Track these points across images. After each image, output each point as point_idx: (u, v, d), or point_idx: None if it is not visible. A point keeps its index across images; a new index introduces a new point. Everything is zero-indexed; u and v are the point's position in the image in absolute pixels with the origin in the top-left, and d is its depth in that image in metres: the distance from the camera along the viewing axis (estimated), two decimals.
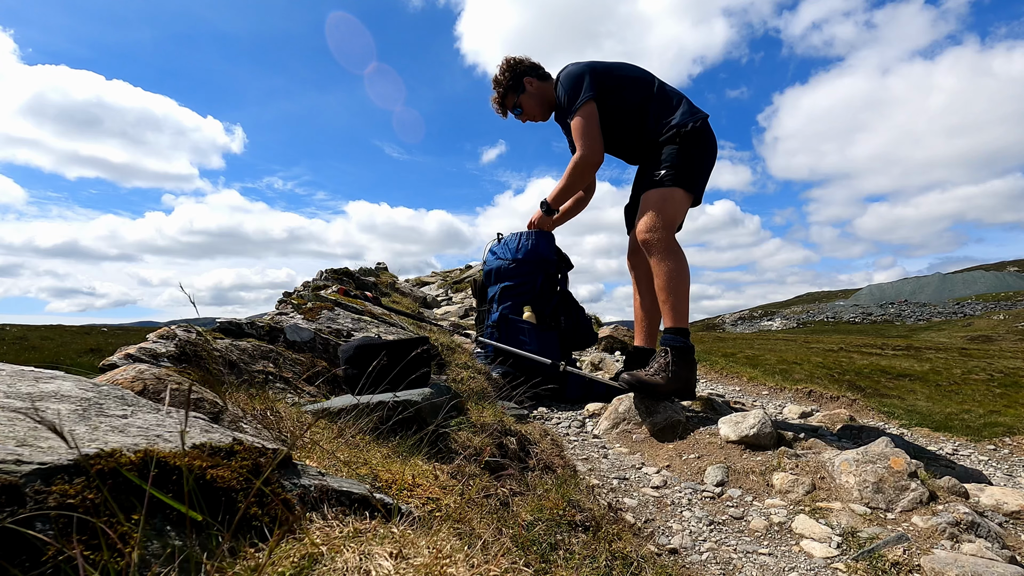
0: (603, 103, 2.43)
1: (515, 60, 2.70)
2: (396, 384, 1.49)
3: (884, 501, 1.57)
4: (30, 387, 0.67)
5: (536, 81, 2.69)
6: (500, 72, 2.70)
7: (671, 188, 2.28)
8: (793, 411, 3.36)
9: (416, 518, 0.74)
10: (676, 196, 2.29)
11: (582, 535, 1.06)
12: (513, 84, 2.68)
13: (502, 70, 2.69)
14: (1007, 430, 3.14)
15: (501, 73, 2.70)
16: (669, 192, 2.28)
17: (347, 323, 2.46)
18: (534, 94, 2.68)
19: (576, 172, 2.51)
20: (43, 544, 0.42)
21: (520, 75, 2.68)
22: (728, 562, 1.32)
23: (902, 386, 4.35)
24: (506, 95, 2.71)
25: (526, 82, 2.67)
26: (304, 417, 1.14)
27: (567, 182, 2.58)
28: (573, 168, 2.49)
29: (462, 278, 9.98)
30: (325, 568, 0.52)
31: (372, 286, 6.37)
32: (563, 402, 2.81)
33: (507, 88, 2.70)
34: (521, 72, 2.68)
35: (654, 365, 2.23)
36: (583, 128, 2.39)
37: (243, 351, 1.61)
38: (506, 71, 2.68)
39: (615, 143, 2.59)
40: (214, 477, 0.57)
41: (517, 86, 2.67)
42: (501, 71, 2.70)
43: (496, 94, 2.74)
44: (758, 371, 4.59)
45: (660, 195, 2.28)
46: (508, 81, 2.68)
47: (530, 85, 2.68)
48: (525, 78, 2.67)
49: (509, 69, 2.68)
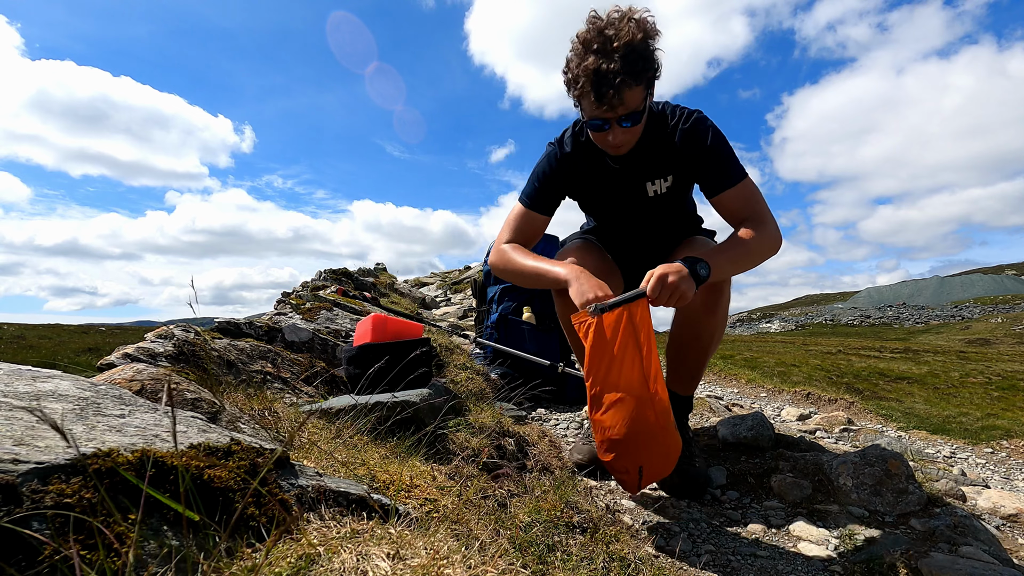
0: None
1: (655, 39, 1.40)
2: (396, 384, 1.49)
3: (882, 504, 1.57)
4: (27, 386, 0.67)
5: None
6: (642, 47, 1.36)
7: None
8: (791, 413, 3.37)
9: (414, 519, 0.74)
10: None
11: (580, 536, 1.06)
12: (655, 75, 1.43)
13: (648, 47, 1.38)
14: (1004, 433, 3.15)
15: (645, 51, 1.37)
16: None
17: (346, 323, 2.46)
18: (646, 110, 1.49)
19: (769, 252, 1.56)
20: (40, 543, 0.41)
21: (656, 69, 1.43)
22: (726, 564, 1.32)
23: (900, 389, 4.36)
24: (630, 88, 1.37)
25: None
26: (302, 417, 1.14)
27: (750, 262, 1.54)
28: (767, 246, 1.54)
29: (461, 279, 9.99)
30: (322, 569, 0.52)
31: (371, 287, 6.37)
32: (562, 403, 2.81)
33: (642, 79, 1.39)
34: (657, 67, 1.43)
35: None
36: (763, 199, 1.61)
37: (241, 351, 1.60)
38: (654, 50, 1.40)
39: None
40: (211, 477, 0.57)
41: (654, 80, 1.45)
42: (648, 48, 1.38)
43: (615, 80, 1.34)
44: (756, 373, 4.60)
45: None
46: (654, 68, 1.42)
47: (649, 95, 1.48)
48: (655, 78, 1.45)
49: (655, 48, 1.40)
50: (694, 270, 1.37)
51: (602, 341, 1.34)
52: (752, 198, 1.59)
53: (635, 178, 1.68)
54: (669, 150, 1.61)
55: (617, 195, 1.72)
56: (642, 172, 1.66)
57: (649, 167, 1.65)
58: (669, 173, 1.66)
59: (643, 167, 1.65)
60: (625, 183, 1.69)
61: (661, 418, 1.34)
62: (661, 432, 1.35)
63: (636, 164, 1.64)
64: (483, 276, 3.34)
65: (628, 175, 1.67)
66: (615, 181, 1.70)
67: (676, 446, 1.41)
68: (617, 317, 1.34)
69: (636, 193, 1.70)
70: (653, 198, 1.69)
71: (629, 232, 1.51)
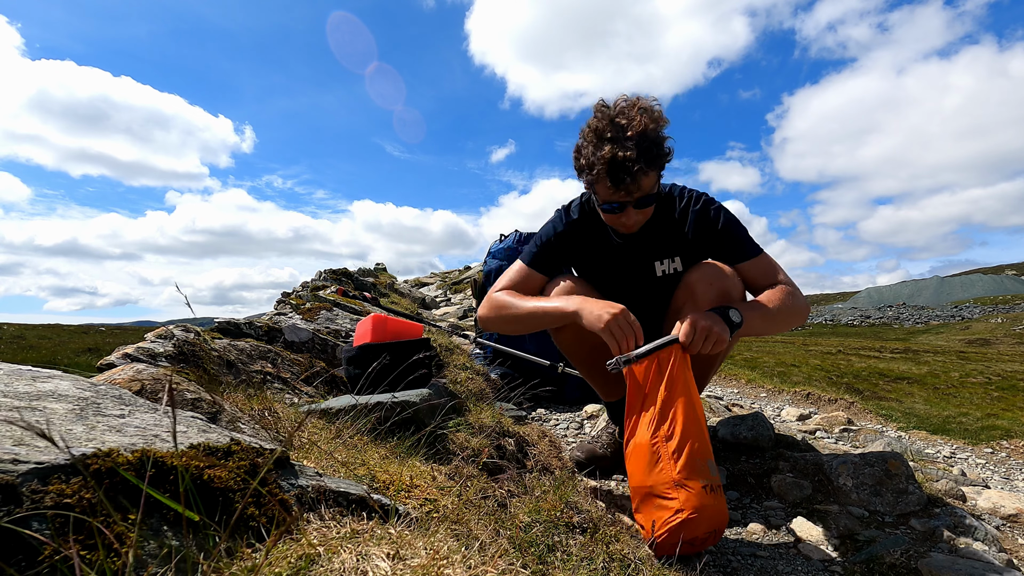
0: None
1: (663, 127, 1.45)
2: (396, 385, 1.50)
3: (882, 504, 1.57)
4: (27, 386, 0.67)
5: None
6: (654, 136, 1.41)
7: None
8: (791, 413, 3.37)
9: (414, 519, 0.74)
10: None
11: (580, 537, 1.06)
12: (665, 163, 1.47)
13: (659, 137, 1.42)
14: (1004, 433, 3.15)
15: (656, 141, 1.41)
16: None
17: (345, 324, 2.46)
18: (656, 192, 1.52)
19: (797, 316, 1.53)
20: (39, 544, 0.41)
21: (667, 154, 1.46)
22: (726, 565, 1.32)
23: (900, 389, 4.36)
24: (645, 175, 1.40)
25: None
26: (302, 417, 1.14)
27: (778, 323, 1.51)
28: (796, 310, 1.52)
29: (461, 279, 9.99)
30: (322, 569, 0.52)
31: (371, 287, 6.37)
32: (562, 403, 2.81)
33: (656, 166, 1.43)
34: (668, 152, 1.46)
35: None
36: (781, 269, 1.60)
37: (241, 351, 1.60)
38: (664, 139, 1.44)
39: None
40: (211, 477, 0.57)
41: (661, 166, 1.47)
42: (659, 138, 1.42)
43: (633, 167, 1.37)
44: (756, 373, 4.60)
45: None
46: (664, 157, 1.45)
47: (660, 177, 1.51)
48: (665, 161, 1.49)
49: (666, 138, 1.45)
50: (726, 315, 1.37)
51: (636, 391, 1.31)
52: (773, 268, 1.59)
53: (642, 256, 1.68)
54: (677, 232, 1.63)
55: (623, 272, 1.71)
56: (649, 251, 1.67)
57: (656, 247, 1.66)
58: (677, 254, 1.66)
59: (650, 246, 1.66)
60: (632, 261, 1.69)
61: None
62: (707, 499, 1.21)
63: (642, 243, 1.65)
64: (483, 276, 3.34)
65: (634, 253, 1.68)
66: (621, 257, 1.70)
67: (697, 507, 1.21)
68: (646, 367, 1.29)
69: (644, 272, 1.69)
70: (662, 278, 1.68)
71: (633, 309, 1.53)
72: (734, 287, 1.53)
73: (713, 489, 1.24)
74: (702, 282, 1.53)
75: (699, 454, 1.25)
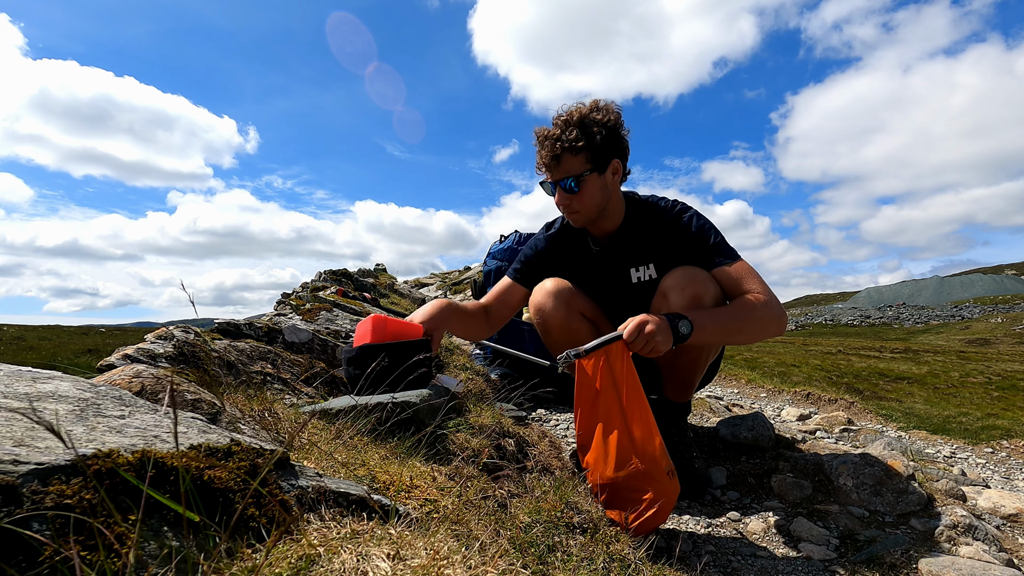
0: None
1: (615, 117, 1.57)
2: (396, 385, 1.49)
3: (882, 504, 1.57)
4: (27, 387, 0.67)
5: (620, 171, 1.63)
6: (580, 119, 1.53)
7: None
8: (791, 413, 3.37)
9: (414, 519, 0.74)
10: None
11: (580, 537, 1.06)
12: (597, 149, 1.54)
13: (589, 120, 1.53)
14: (1005, 433, 3.15)
15: (581, 122, 1.53)
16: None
17: (345, 324, 2.46)
18: (608, 187, 1.61)
19: (766, 327, 1.51)
20: (40, 544, 0.41)
21: (614, 146, 1.58)
22: (727, 565, 1.32)
23: (900, 389, 4.36)
24: (570, 153, 1.53)
25: (614, 164, 1.59)
26: (302, 418, 1.14)
27: (741, 333, 1.52)
28: (765, 322, 1.49)
29: (461, 279, 9.99)
30: (322, 569, 0.52)
31: (371, 287, 6.37)
32: (562, 404, 2.81)
33: (581, 147, 1.53)
34: (617, 143, 1.58)
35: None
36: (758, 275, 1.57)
37: (241, 352, 1.60)
38: (595, 125, 1.53)
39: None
40: (211, 478, 0.57)
41: (602, 157, 1.56)
42: (586, 121, 1.53)
43: (554, 143, 1.53)
44: (756, 373, 4.60)
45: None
46: (592, 139, 1.53)
47: (615, 173, 1.61)
48: (615, 159, 1.59)
49: (600, 126, 1.53)
50: (675, 326, 1.37)
51: (585, 385, 1.34)
52: (750, 275, 1.55)
53: (618, 264, 1.73)
54: (652, 239, 1.67)
55: (601, 279, 1.77)
56: (624, 258, 1.72)
57: (631, 254, 1.71)
58: (651, 261, 1.69)
59: (625, 253, 1.71)
60: (608, 268, 1.75)
61: (647, 465, 1.26)
62: (645, 479, 1.27)
63: (618, 250, 1.72)
64: (483, 277, 3.34)
65: (610, 260, 1.74)
66: (598, 265, 1.76)
67: (666, 494, 1.27)
68: (595, 362, 1.33)
69: (620, 279, 1.74)
70: (637, 285, 1.71)
71: (612, 316, 1.56)
72: (707, 291, 1.52)
73: (672, 474, 1.29)
74: (675, 288, 1.55)
75: (655, 442, 1.29)
